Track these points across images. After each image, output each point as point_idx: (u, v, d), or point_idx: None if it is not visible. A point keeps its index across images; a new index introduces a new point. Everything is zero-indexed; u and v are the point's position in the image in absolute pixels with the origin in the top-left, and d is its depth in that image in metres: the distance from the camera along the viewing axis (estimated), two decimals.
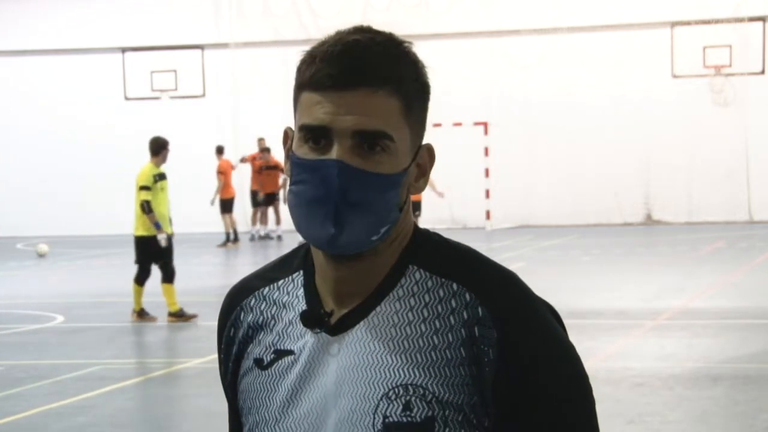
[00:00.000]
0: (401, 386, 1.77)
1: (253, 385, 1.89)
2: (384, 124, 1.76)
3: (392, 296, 1.81)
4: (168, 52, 30.08)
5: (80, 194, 30.21)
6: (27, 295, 17.51)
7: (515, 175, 28.02)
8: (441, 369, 1.76)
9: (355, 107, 1.76)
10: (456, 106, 27.97)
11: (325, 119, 1.77)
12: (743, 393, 9.44)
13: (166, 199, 14.42)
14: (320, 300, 1.85)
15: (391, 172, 1.78)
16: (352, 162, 1.75)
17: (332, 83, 1.76)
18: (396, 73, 1.80)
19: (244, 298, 1.94)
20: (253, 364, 1.89)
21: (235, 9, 29.49)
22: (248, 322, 1.92)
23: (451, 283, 1.80)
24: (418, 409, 1.76)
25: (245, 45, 28.55)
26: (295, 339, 1.85)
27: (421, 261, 1.83)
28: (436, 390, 1.76)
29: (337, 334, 1.82)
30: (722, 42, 27.46)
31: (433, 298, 1.80)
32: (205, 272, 20.40)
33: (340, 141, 1.76)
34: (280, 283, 1.91)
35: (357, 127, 1.75)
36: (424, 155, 1.85)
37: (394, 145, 1.77)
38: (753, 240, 22.94)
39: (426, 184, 1.85)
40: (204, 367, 11.22)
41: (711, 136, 27.46)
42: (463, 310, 1.78)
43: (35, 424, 9.14)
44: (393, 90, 1.78)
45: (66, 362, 11.76)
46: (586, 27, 28.02)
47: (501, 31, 28.32)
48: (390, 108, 1.78)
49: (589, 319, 13.41)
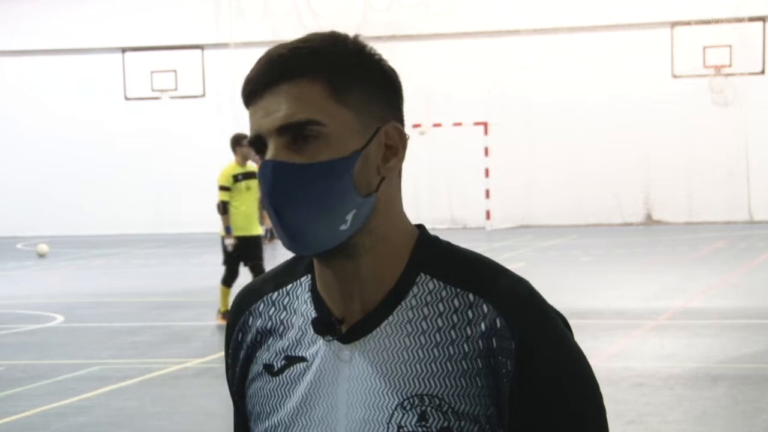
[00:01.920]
0: (416, 396, 1.74)
1: (263, 391, 1.86)
2: (309, 111, 1.73)
3: (405, 305, 1.78)
4: (168, 52, 30.09)
5: (80, 194, 30.21)
6: (27, 295, 17.51)
7: (515, 175, 28.02)
8: (457, 379, 1.74)
9: (277, 104, 1.74)
10: (456, 106, 27.99)
11: (256, 126, 1.76)
12: (743, 393, 9.44)
13: (251, 198, 13.98)
14: (328, 306, 1.82)
15: (331, 158, 1.73)
16: (286, 158, 1.73)
17: (255, 89, 1.76)
18: (314, 59, 1.76)
19: (253, 303, 1.91)
20: (263, 370, 1.87)
21: (235, 9, 29.49)
22: (257, 326, 1.89)
23: (467, 293, 1.77)
24: (434, 419, 1.73)
25: (245, 45, 28.55)
26: (306, 346, 1.83)
27: (433, 269, 1.80)
28: (452, 401, 1.74)
29: (349, 342, 1.79)
30: (722, 42, 27.46)
31: (447, 308, 1.78)
32: (204, 272, 20.39)
33: (271, 141, 1.74)
34: (289, 288, 1.88)
35: (282, 122, 1.73)
36: (392, 135, 1.79)
37: (328, 128, 1.73)
38: (753, 240, 22.94)
39: (399, 164, 1.79)
40: (204, 367, 11.22)
41: (711, 136, 27.46)
42: (481, 321, 1.75)
43: (35, 424, 9.15)
44: (313, 75, 1.75)
45: (66, 362, 11.76)
46: (586, 27, 28.02)
47: (501, 31, 28.32)
48: (314, 94, 1.74)
49: (589, 319, 13.41)
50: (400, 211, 1.82)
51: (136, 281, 19.23)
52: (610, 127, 27.82)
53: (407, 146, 1.81)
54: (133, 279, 19.63)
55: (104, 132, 30.10)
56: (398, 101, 1.82)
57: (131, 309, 15.57)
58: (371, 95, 1.78)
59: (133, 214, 29.92)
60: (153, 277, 19.73)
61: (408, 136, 1.81)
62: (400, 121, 1.81)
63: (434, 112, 28.02)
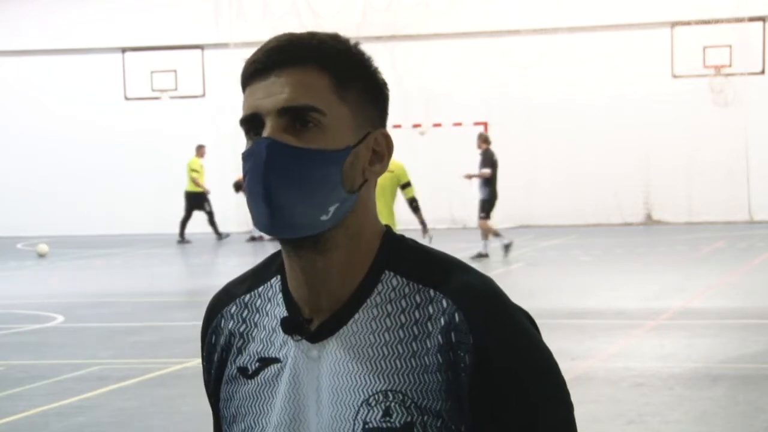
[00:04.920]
0: (381, 392, 1.76)
1: (238, 394, 1.89)
2: (312, 99, 1.76)
3: (369, 303, 1.81)
4: (168, 52, 30.08)
5: (80, 194, 30.21)
6: (27, 295, 17.51)
7: (515, 175, 27.99)
8: (420, 375, 1.76)
9: (282, 86, 1.77)
10: (456, 106, 27.98)
11: (254, 105, 1.78)
12: (743, 393, 9.44)
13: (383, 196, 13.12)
14: (298, 306, 1.84)
15: (326, 148, 1.76)
16: (284, 139, 1.75)
17: (260, 67, 1.78)
18: (322, 50, 1.79)
19: (225, 306, 1.94)
20: (237, 373, 1.89)
21: (235, 9, 29.49)
22: (229, 329, 1.92)
23: (428, 289, 1.79)
24: (398, 414, 1.75)
25: (245, 45, 28.52)
26: (278, 347, 1.85)
27: (397, 266, 1.82)
28: (415, 396, 1.75)
29: (317, 341, 1.81)
30: (722, 42, 27.45)
31: (410, 304, 1.79)
32: (205, 272, 20.41)
33: (271, 121, 1.76)
34: (260, 290, 1.91)
35: (285, 104, 1.76)
36: (380, 141, 1.84)
37: (327, 119, 1.77)
38: (753, 240, 22.94)
39: (384, 170, 1.83)
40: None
41: (711, 136, 27.45)
42: (441, 316, 1.77)
43: (35, 424, 9.15)
44: (320, 66, 1.78)
45: (66, 362, 11.76)
46: (586, 27, 28.01)
47: (501, 31, 28.32)
48: (318, 83, 1.78)
49: (589, 319, 13.41)
50: (374, 214, 1.86)
51: (136, 281, 19.22)
52: (610, 127, 27.81)
53: (392, 154, 1.85)
54: (133, 279, 19.63)
55: (104, 132, 30.09)
56: (386, 112, 1.87)
57: (131, 309, 15.57)
58: (366, 100, 1.82)
59: (133, 214, 29.91)
60: (153, 277, 19.73)
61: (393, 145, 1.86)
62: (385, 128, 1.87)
63: (434, 112, 28.02)
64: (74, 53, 30.51)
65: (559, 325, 12.53)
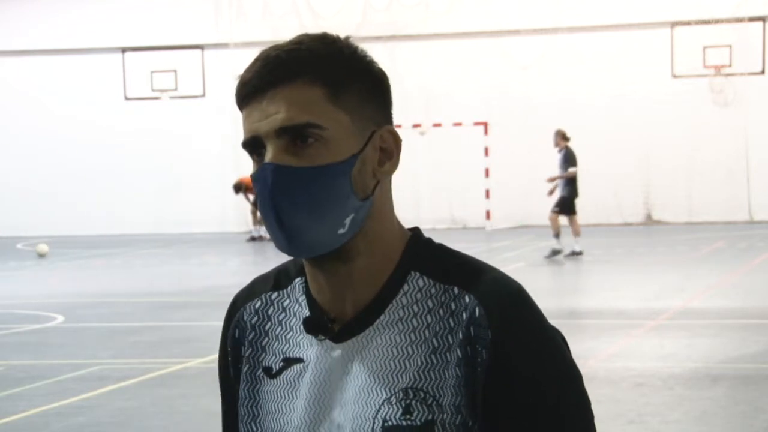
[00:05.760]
0: (402, 390, 1.76)
1: (261, 392, 1.87)
2: (309, 114, 1.74)
3: (395, 304, 1.80)
4: (168, 52, 30.08)
5: (80, 194, 30.21)
6: (27, 295, 17.51)
7: (515, 175, 28.00)
8: (440, 372, 1.75)
9: (277, 107, 1.74)
10: (456, 106, 27.97)
11: (253, 128, 1.76)
12: (743, 393, 9.44)
13: None
14: (321, 306, 1.83)
15: (330, 162, 1.74)
16: (286, 161, 1.73)
17: (252, 91, 1.76)
18: (312, 62, 1.76)
19: (249, 301, 1.92)
20: (261, 372, 1.87)
21: (235, 9, 29.49)
22: (253, 324, 1.90)
23: (453, 287, 1.79)
24: (419, 412, 1.75)
25: (245, 45, 28.53)
26: (303, 347, 1.84)
27: (424, 267, 1.81)
28: (436, 393, 1.75)
29: (341, 341, 1.81)
30: (722, 42, 27.45)
31: (435, 304, 1.79)
32: (205, 272, 20.40)
33: (271, 143, 1.74)
34: (288, 289, 1.89)
35: (282, 123, 1.74)
36: (387, 138, 1.81)
37: (327, 132, 1.74)
38: (753, 240, 22.94)
39: (394, 168, 1.81)
40: (204, 367, 11.22)
41: (711, 136, 27.45)
42: (463, 311, 1.76)
43: (35, 424, 9.15)
44: (312, 78, 1.75)
45: (66, 362, 11.76)
46: (586, 27, 28.01)
47: (501, 31, 28.31)
48: (312, 97, 1.75)
49: (589, 319, 13.41)
50: (392, 214, 1.84)
51: (136, 281, 19.23)
52: (610, 127, 27.80)
53: (401, 149, 1.82)
54: (133, 279, 19.63)
55: (104, 132, 30.09)
56: (389, 103, 1.83)
57: (131, 309, 15.57)
58: (366, 99, 1.79)
59: (133, 214, 29.91)
60: (153, 277, 19.73)
61: (401, 139, 1.83)
62: (390, 123, 1.83)
63: (434, 112, 28.01)
64: (74, 53, 30.51)
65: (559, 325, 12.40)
